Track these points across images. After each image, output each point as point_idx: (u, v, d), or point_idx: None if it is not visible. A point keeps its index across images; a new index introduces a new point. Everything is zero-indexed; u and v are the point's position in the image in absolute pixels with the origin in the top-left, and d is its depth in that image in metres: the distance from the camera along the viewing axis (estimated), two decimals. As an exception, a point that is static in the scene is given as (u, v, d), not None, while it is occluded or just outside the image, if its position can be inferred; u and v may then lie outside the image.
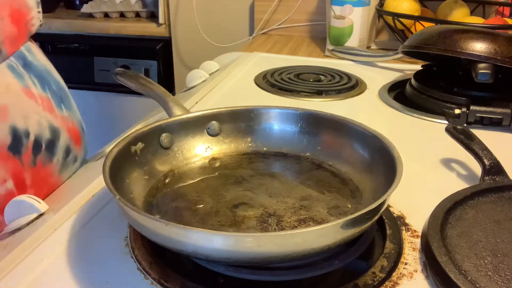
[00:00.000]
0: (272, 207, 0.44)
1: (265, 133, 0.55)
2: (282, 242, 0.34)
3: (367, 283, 0.38)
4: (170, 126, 0.52)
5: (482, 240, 0.41)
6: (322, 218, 0.43)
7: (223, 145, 0.55)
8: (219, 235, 0.35)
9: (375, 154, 0.47)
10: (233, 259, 0.35)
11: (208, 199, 0.46)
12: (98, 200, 0.50)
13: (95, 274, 0.39)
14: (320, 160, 0.52)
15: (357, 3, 1.05)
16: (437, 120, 0.72)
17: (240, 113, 0.55)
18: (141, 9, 1.55)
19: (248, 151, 0.55)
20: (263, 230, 0.41)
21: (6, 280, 0.39)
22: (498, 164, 0.51)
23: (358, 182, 0.48)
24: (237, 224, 0.42)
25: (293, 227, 0.42)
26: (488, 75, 0.68)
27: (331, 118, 0.53)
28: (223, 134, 0.55)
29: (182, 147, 0.53)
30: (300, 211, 0.44)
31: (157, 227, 0.35)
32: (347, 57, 1.05)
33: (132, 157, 0.48)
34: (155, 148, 0.51)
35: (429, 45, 0.75)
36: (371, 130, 0.48)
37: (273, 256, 0.34)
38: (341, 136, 0.52)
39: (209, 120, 0.54)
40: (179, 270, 0.39)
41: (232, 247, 0.34)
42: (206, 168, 0.52)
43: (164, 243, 0.36)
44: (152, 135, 0.51)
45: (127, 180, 0.45)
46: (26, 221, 0.46)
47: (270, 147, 0.55)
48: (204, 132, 0.54)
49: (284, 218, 0.43)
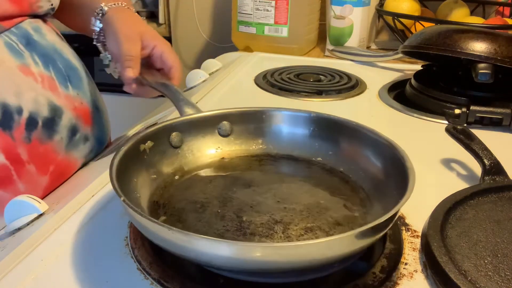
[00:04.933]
0: (279, 214, 0.43)
1: (276, 135, 0.54)
2: (287, 252, 0.33)
3: (367, 283, 0.38)
4: (180, 125, 0.52)
5: (482, 240, 0.41)
6: (329, 228, 0.42)
7: (233, 146, 0.54)
8: (221, 243, 0.34)
9: (387, 163, 0.46)
10: (236, 268, 0.35)
11: (215, 202, 0.45)
12: (98, 200, 0.50)
13: (95, 274, 0.39)
14: (332, 165, 0.51)
15: (357, 3, 1.04)
16: (437, 120, 0.72)
17: (251, 114, 0.54)
18: (141, 9, 1.55)
19: (258, 153, 0.54)
20: (269, 237, 0.40)
21: (6, 280, 0.39)
22: (498, 164, 0.51)
23: (369, 191, 0.46)
24: (242, 230, 0.41)
25: (299, 235, 0.41)
26: (488, 75, 0.68)
27: (344, 123, 0.51)
28: (234, 135, 0.54)
29: (192, 147, 0.52)
30: (307, 219, 0.43)
31: (160, 231, 0.35)
32: (347, 57, 1.05)
33: (141, 155, 0.47)
34: (164, 147, 0.50)
35: (429, 45, 0.75)
36: (384, 138, 0.47)
37: (277, 266, 0.34)
38: (354, 142, 0.50)
39: (221, 120, 0.54)
40: (179, 270, 0.39)
41: (235, 255, 0.34)
42: (215, 169, 0.52)
43: (167, 246, 0.36)
44: (162, 134, 0.50)
45: (135, 179, 0.45)
46: (26, 221, 0.46)
47: (281, 150, 0.54)
48: (215, 132, 0.54)
49: (290, 226, 0.42)
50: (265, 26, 1.11)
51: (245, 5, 1.11)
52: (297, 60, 1.05)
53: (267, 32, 1.11)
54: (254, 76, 0.92)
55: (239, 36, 1.15)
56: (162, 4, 1.43)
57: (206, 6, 1.42)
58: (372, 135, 0.48)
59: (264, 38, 1.12)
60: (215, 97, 0.81)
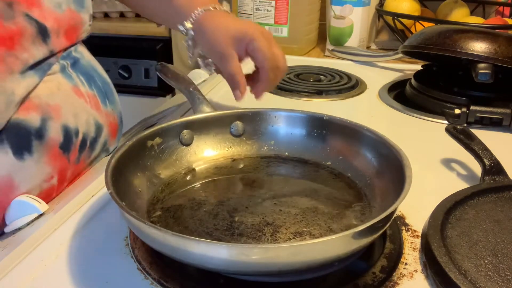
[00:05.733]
0: (272, 216, 0.43)
1: (288, 137, 0.54)
2: (284, 254, 0.33)
3: (367, 283, 0.38)
4: (193, 123, 0.52)
5: (482, 240, 0.41)
6: (320, 233, 0.41)
7: (244, 146, 0.54)
8: (197, 243, 0.34)
9: (392, 173, 0.45)
10: (231, 270, 0.35)
11: (213, 200, 0.46)
12: (98, 200, 0.50)
13: (95, 274, 0.39)
14: (340, 170, 0.50)
15: (357, 3, 1.04)
16: (437, 120, 0.71)
17: (265, 114, 0.54)
18: (141, 9, 1.55)
19: (269, 154, 0.54)
20: (256, 239, 0.40)
21: (6, 280, 0.39)
22: (498, 164, 0.51)
23: (372, 199, 0.46)
24: (231, 230, 0.41)
25: (287, 239, 0.40)
26: (488, 75, 0.68)
27: (357, 128, 0.50)
28: (246, 135, 0.54)
29: (203, 145, 0.52)
30: (300, 223, 0.42)
31: (137, 224, 0.36)
32: (347, 57, 1.05)
33: (148, 151, 0.48)
34: (173, 144, 0.50)
35: (429, 45, 0.75)
36: (396, 148, 0.45)
37: (274, 268, 0.34)
38: (363, 148, 0.49)
39: (234, 119, 0.54)
40: (179, 270, 0.39)
41: (228, 257, 0.34)
42: (222, 168, 0.52)
43: (146, 242, 0.37)
44: (173, 131, 0.50)
45: (138, 173, 0.46)
46: (26, 221, 0.46)
47: (292, 152, 0.53)
48: (228, 131, 0.54)
49: (281, 229, 0.42)
50: (265, 26, 1.11)
51: (245, 5, 1.11)
52: (297, 60, 1.05)
53: (267, 32, 1.11)
54: (254, 76, 0.92)
55: (239, 36, 1.15)
56: (162, 4, 1.43)
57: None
58: (382, 144, 0.47)
59: (264, 38, 1.12)
60: (215, 97, 0.81)
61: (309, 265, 0.34)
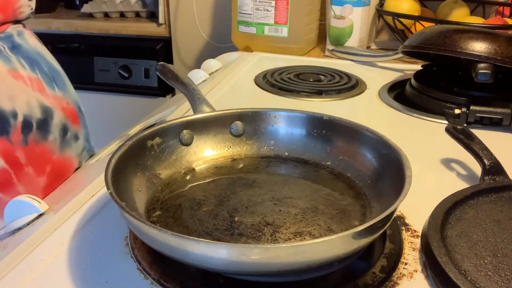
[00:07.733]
0: (272, 216, 0.43)
1: (288, 137, 0.54)
2: (284, 254, 0.33)
3: (367, 283, 0.38)
4: (193, 123, 0.52)
5: (482, 240, 0.41)
6: (320, 233, 0.41)
7: (244, 146, 0.54)
8: (197, 243, 0.34)
9: (392, 173, 0.45)
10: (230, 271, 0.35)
11: (213, 200, 0.45)
12: (98, 200, 0.50)
13: (95, 274, 0.39)
14: (340, 170, 0.50)
15: (357, 3, 1.04)
16: (437, 120, 0.71)
17: (265, 114, 0.54)
18: (141, 9, 1.55)
19: (269, 154, 0.54)
20: (256, 239, 0.40)
21: (6, 280, 0.39)
22: (498, 164, 0.51)
23: (372, 199, 0.46)
24: (231, 230, 0.41)
25: (287, 239, 0.40)
26: (488, 75, 0.68)
27: (358, 128, 0.50)
28: (246, 135, 0.54)
29: (203, 145, 0.52)
30: (300, 223, 0.42)
31: (140, 226, 0.35)
32: (347, 57, 1.05)
33: (148, 151, 0.48)
34: (173, 144, 0.50)
35: (429, 45, 0.75)
36: (396, 148, 0.45)
37: (273, 267, 0.34)
38: (363, 148, 0.49)
39: (234, 119, 0.54)
40: (179, 270, 0.39)
41: (227, 257, 0.33)
42: (222, 168, 0.52)
43: (146, 242, 0.37)
44: (173, 131, 0.50)
45: (139, 173, 0.46)
46: (26, 221, 0.46)
47: (292, 152, 0.53)
48: (227, 131, 0.54)
49: (280, 229, 0.41)
50: (265, 26, 1.11)
51: (245, 5, 1.11)
52: (297, 60, 1.05)
53: (267, 32, 1.11)
54: (254, 76, 0.92)
55: (239, 36, 1.15)
56: (162, 4, 1.43)
57: (206, 6, 1.42)
58: (383, 144, 0.47)
59: (264, 38, 1.12)
60: (215, 97, 0.81)
61: (309, 265, 0.34)
